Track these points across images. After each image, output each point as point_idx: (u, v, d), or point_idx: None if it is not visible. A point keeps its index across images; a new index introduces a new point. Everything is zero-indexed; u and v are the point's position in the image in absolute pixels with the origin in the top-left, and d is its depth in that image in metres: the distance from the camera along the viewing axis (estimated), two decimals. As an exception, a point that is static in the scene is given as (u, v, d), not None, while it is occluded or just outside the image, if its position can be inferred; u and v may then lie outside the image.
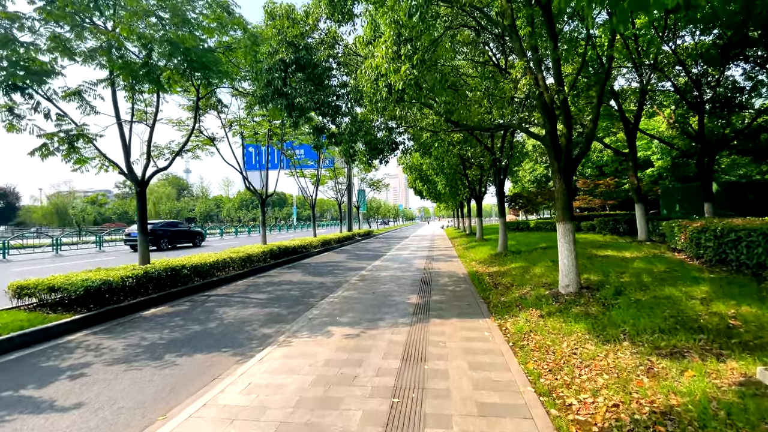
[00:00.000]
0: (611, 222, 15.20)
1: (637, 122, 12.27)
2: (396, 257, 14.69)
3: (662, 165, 19.39)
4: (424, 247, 18.94)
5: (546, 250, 11.63)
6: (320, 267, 12.93)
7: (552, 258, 10.02)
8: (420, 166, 16.90)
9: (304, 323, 5.69)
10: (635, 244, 11.50)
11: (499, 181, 12.47)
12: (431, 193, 20.61)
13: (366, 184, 31.70)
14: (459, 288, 8.05)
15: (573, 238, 6.16)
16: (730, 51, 12.49)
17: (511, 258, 11.22)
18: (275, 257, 13.56)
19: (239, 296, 8.34)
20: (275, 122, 16.53)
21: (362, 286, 8.66)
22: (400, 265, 12.08)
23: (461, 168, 15.89)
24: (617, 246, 11.00)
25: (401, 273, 10.43)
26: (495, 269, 10.10)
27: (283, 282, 10.01)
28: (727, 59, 12.93)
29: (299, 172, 22.74)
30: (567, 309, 5.45)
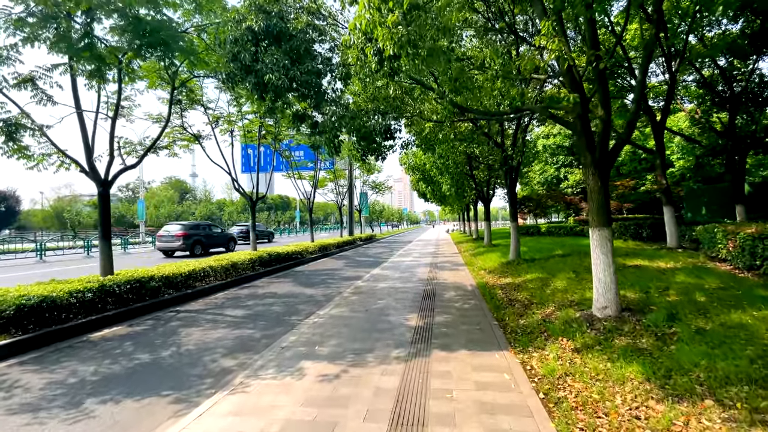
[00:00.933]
0: (633, 226, 13.91)
1: (665, 117, 11.02)
2: (397, 264, 13.51)
3: (684, 165, 18.06)
4: (428, 253, 17.74)
5: (565, 258, 10.39)
6: (313, 276, 11.79)
7: (573, 268, 8.80)
8: (423, 166, 15.75)
9: (274, 355, 4.54)
10: (665, 251, 10.22)
11: (510, 181, 11.27)
12: (435, 195, 19.39)
13: (368, 186, 30.60)
14: (467, 305, 6.85)
15: (611, 247, 4.96)
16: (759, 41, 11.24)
17: (525, 267, 9.99)
18: (265, 264, 12.45)
19: (212, 312, 7.22)
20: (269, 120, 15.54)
21: (355, 300, 7.49)
22: (401, 275, 10.90)
23: (468, 168, 14.73)
24: (647, 254, 9.72)
25: (401, 284, 9.25)
26: (508, 281, 8.88)
27: (267, 294, 8.88)
28: (758, 51, 11.68)
29: (297, 174, 21.72)
30: (609, 340, 4.25)
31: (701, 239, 9.96)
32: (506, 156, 10.57)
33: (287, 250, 14.19)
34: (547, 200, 25.97)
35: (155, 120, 11.63)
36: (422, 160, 15.30)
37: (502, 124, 11.27)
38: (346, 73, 4.75)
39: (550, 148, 27.22)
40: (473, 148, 11.83)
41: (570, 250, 12.05)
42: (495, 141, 10.76)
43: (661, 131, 11.04)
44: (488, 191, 17.98)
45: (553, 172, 28.55)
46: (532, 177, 29.99)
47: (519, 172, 11.55)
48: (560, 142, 27.48)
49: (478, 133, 10.99)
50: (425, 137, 8.30)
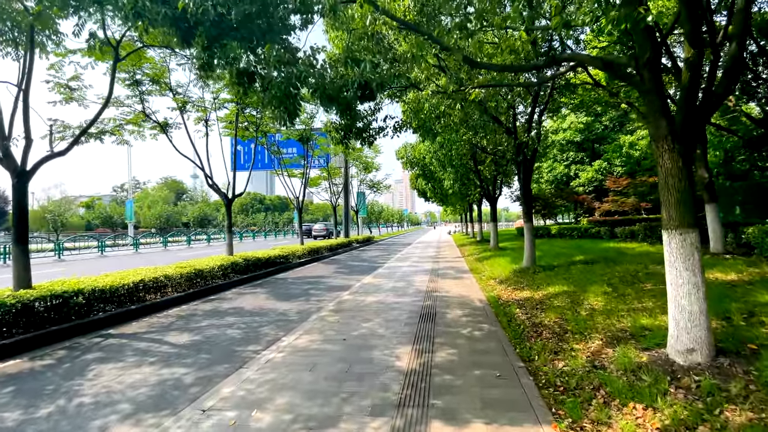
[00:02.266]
0: (661, 228, 12.23)
1: (706, 98, 9.38)
2: (393, 271, 11.88)
3: (711, 160, 16.38)
4: (428, 257, 16.10)
5: (590, 267, 8.75)
6: (295, 285, 10.19)
7: (606, 279, 7.17)
8: (422, 160, 14.11)
9: (183, 430, 2.92)
10: (712, 258, 8.58)
11: (524, 175, 9.64)
12: (436, 193, 17.72)
13: (366, 185, 29.00)
14: (478, 331, 5.21)
15: (700, 260, 3.35)
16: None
17: (543, 277, 8.36)
18: (241, 271, 10.86)
19: (150, 338, 5.63)
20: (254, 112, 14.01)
21: (334, 323, 5.88)
22: (396, 284, 9.28)
23: (472, 164, 13.12)
24: None
25: (395, 298, 7.63)
26: (525, 294, 7.25)
27: (231, 311, 7.28)
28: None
29: (289, 172, 20.15)
30: (716, 412, 2.62)
31: (756, 243, 8.32)
32: (520, 144, 8.94)
33: (269, 254, 12.59)
34: (557, 200, 24.33)
35: (114, 104, 10.04)
36: (421, 152, 13.66)
37: (514, 107, 9.64)
38: (304, 2, 3.19)
39: (559, 144, 25.54)
40: (479, 137, 10.23)
41: (593, 256, 10.40)
42: (507, 127, 9.14)
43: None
44: (495, 189, 16.36)
45: (563, 170, 26.78)
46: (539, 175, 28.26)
47: (534, 163, 9.91)
48: (571, 137, 25.77)
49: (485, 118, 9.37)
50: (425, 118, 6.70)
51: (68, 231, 47.88)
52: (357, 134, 6.35)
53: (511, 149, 9.64)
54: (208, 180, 11.77)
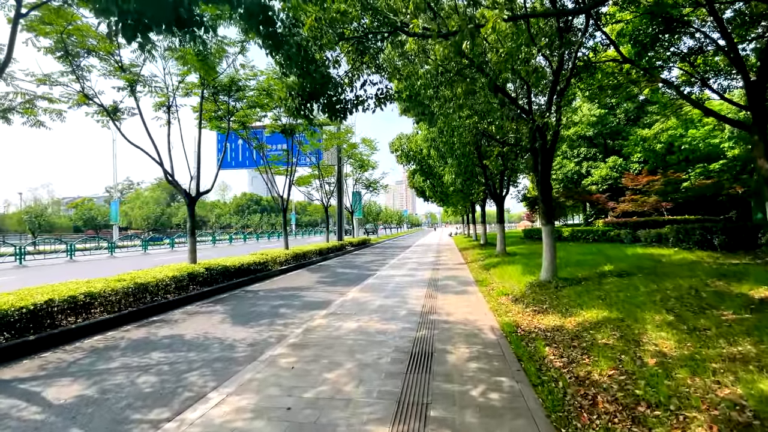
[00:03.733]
0: (698, 231, 10.47)
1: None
2: (385, 282, 10.13)
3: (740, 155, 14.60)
4: (427, 264, 14.34)
5: (627, 280, 6.97)
6: (264, 300, 8.44)
7: (660, 299, 5.42)
8: (419, 153, 12.32)
9: None
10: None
11: (542, 165, 7.89)
12: (436, 192, 15.89)
13: (362, 185, 27.23)
14: (496, 393, 3.44)
15: None
16: None
17: (570, 294, 6.60)
18: (204, 283, 9.15)
19: (22, 391, 3.91)
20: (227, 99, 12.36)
21: (286, 369, 4.13)
22: (385, 301, 7.53)
23: (476, 156, 11.37)
24: (759, 276, 6.30)
25: (380, 324, 5.88)
26: (553, 321, 5.48)
27: (165, 341, 5.56)
28: None
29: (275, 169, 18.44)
30: None
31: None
32: (537, 128, 7.18)
33: (242, 262, 10.83)
34: (566, 200, 22.53)
35: (47, 82, 8.31)
36: (418, 144, 11.90)
37: (529, 86, 7.88)
38: None
39: (569, 139, 23.66)
40: (486, 123, 8.49)
41: (625, 266, 8.62)
42: (521, 108, 7.39)
43: (763, 94, 7.60)
44: (501, 187, 14.60)
45: (573, 167, 24.87)
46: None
47: (554, 151, 8.16)
48: (582, 131, 23.91)
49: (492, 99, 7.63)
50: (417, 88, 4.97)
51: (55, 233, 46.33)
52: (328, 105, 4.59)
53: (526, 135, 7.89)
54: (168, 175, 10.03)
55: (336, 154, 21.79)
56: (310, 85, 4.04)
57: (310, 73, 3.69)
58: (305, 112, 4.27)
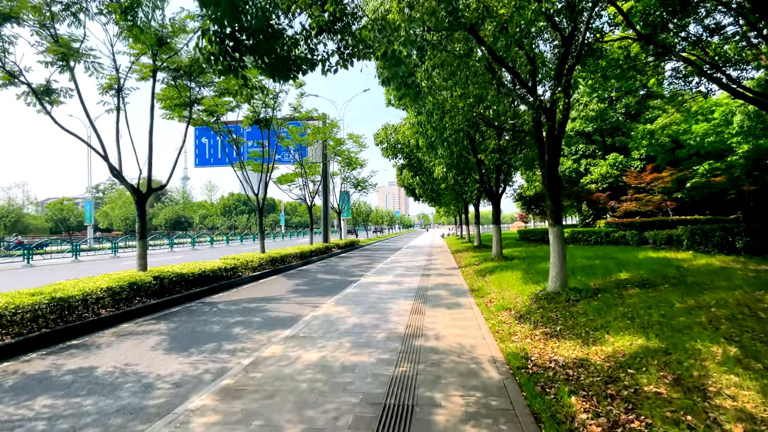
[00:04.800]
0: (718, 232, 9.34)
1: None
2: (367, 292, 8.83)
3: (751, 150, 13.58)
4: (416, 269, 13.07)
5: (653, 292, 5.75)
6: (220, 316, 7.08)
7: (705, 320, 4.21)
8: (407, 145, 10.99)
9: None
10: None
11: (550, 155, 6.66)
12: (426, 189, 14.60)
13: (350, 184, 25.87)
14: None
15: None
16: None
17: (587, 310, 5.36)
18: (155, 294, 7.79)
19: None
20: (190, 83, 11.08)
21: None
22: (362, 319, 6.23)
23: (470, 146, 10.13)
24: None
25: (350, 356, 4.58)
26: (571, 351, 4.23)
27: (65, 380, 4.23)
28: None
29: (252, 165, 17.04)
30: None
31: None
32: (544, 109, 5.95)
33: (203, 268, 9.45)
34: (564, 199, 21.44)
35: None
36: (406, 135, 10.59)
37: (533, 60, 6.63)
38: None
39: (566, 136, 22.62)
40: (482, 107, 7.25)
41: (644, 273, 7.42)
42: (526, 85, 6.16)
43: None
44: (498, 184, 13.40)
45: (572, 165, 23.78)
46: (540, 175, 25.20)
47: (563, 137, 6.93)
48: (580, 127, 22.84)
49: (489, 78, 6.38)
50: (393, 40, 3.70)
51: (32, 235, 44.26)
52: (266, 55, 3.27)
53: (528, 121, 6.67)
54: (113, 170, 8.61)
55: (320, 149, 20.43)
56: (238, 23, 2.74)
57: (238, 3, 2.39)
58: (233, 64, 2.97)
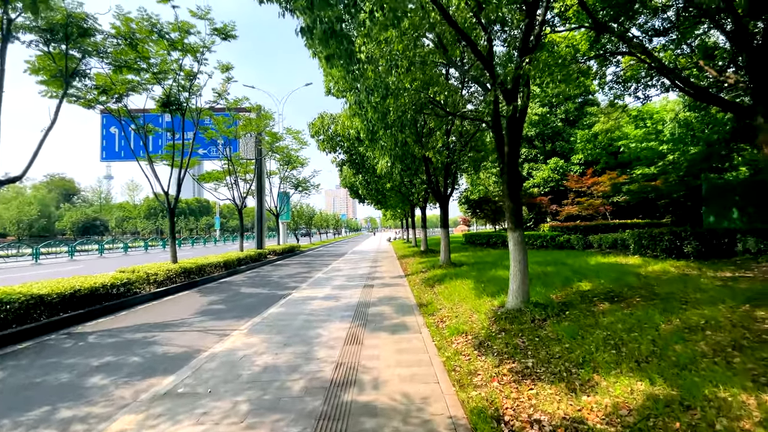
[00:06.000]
0: (667, 237, 9.12)
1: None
2: (296, 311, 7.25)
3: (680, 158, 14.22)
4: (359, 278, 11.68)
5: (627, 306, 4.89)
6: (80, 357, 5.11)
7: (700, 339, 3.27)
8: (347, 136, 9.48)
9: None
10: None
11: (510, 145, 5.68)
12: (370, 189, 13.23)
13: (290, 184, 23.79)
14: None
15: None
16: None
17: (559, 332, 4.33)
18: None
19: None
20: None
21: None
22: (277, 357, 4.68)
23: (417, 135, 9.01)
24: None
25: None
26: (560, 406, 3.06)
27: None
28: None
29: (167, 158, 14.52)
30: None
31: None
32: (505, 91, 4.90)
33: (77, 286, 7.19)
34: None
35: None
36: (346, 125, 9.15)
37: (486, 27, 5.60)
38: None
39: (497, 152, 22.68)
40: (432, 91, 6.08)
41: (606, 282, 6.71)
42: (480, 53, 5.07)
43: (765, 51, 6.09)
44: (446, 185, 12.49)
45: (515, 169, 23.97)
46: (485, 178, 25.41)
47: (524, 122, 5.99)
48: (524, 131, 23.15)
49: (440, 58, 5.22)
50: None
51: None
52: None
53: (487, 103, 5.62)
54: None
55: (254, 145, 18.27)
56: None
57: None
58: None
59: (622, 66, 13.31)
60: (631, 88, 13.53)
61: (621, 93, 13.41)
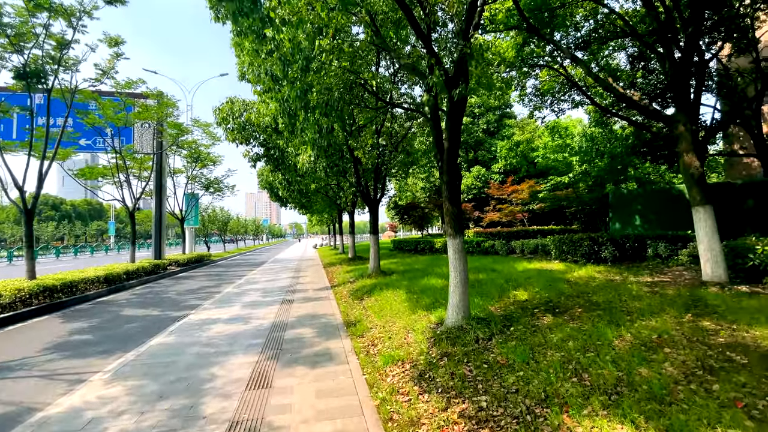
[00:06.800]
0: (586, 242, 9.42)
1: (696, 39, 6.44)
2: (187, 342, 5.73)
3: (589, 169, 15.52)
4: (276, 292, 10.27)
5: (571, 319, 4.47)
6: None
7: (663, 358, 2.80)
8: (262, 126, 7.92)
9: None
10: (723, 292, 5.39)
11: (450, 138, 5.03)
12: (291, 190, 11.68)
13: (200, 185, 21.00)
14: None
15: None
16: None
17: (509, 355, 3.67)
18: None
19: None
20: None
21: None
22: (139, 422, 3.28)
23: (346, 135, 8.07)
24: (724, 305, 4.59)
25: None
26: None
27: None
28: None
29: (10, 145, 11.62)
30: None
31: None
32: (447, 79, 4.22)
33: None
34: (434, 209, 21.62)
35: None
36: (261, 113, 7.63)
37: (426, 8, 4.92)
38: None
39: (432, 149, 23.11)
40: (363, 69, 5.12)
41: (540, 290, 6.42)
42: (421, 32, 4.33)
43: (687, 67, 6.36)
44: (376, 188, 11.72)
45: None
46: (413, 183, 25.46)
47: (464, 112, 5.38)
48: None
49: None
50: None
51: None
52: None
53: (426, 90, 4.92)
54: None
55: (153, 136, 15.56)
56: None
57: None
58: None
59: (540, 79, 14.07)
60: (548, 101, 14.39)
61: (539, 105, 14.16)
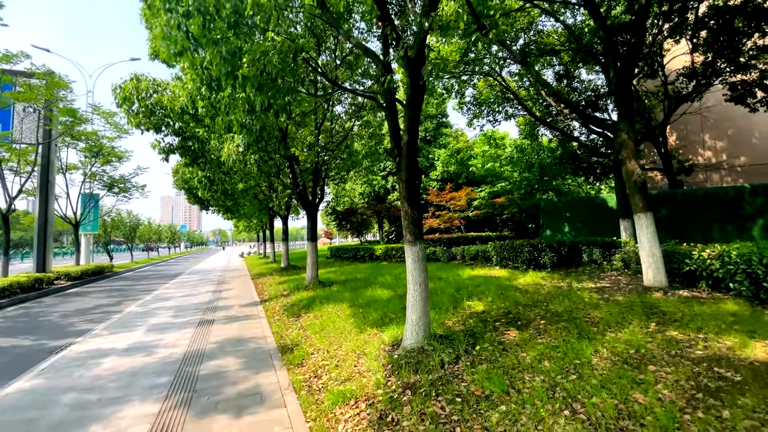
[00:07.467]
0: (527, 249, 9.48)
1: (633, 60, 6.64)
2: (59, 387, 4.25)
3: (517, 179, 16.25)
4: (193, 310, 8.74)
5: (538, 334, 4.06)
6: None
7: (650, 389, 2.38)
8: (177, 112, 6.33)
9: None
10: (660, 296, 5.47)
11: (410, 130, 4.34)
12: (215, 192, 10.06)
13: (101, 183, 17.82)
14: None
15: None
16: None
17: (480, 380, 3.07)
18: None
19: None
20: None
21: None
22: None
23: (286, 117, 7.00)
24: (666, 309, 4.57)
25: None
26: None
27: None
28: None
29: None
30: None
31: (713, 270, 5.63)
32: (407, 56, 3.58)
33: None
34: (372, 215, 21.06)
35: None
36: (177, 93, 6.21)
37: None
38: None
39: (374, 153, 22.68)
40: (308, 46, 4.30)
41: (494, 300, 6.04)
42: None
43: (628, 81, 6.52)
44: (315, 190, 10.74)
45: (380, 181, 24.02)
46: (351, 189, 24.69)
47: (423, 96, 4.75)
48: (388, 145, 23.47)
49: None
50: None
51: None
52: None
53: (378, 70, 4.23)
54: None
55: (38, 122, 12.72)
56: None
57: None
58: None
59: (479, 88, 14.41)
60: (484, 111, 14.79)
61: (477, 113, 14.47)
